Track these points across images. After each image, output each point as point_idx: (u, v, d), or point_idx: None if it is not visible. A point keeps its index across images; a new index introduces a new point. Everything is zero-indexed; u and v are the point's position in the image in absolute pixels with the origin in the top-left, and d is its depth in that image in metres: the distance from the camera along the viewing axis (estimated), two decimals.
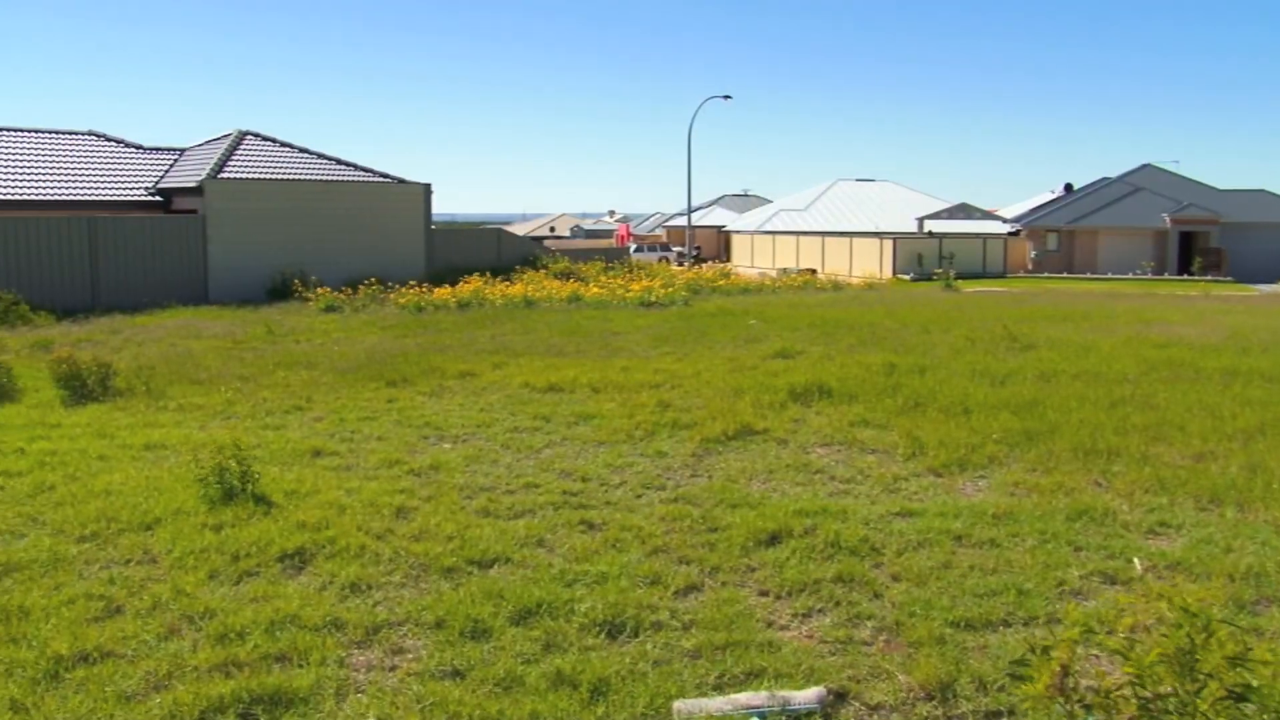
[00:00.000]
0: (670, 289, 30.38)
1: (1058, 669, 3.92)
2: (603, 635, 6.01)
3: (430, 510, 8.42)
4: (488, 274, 33.22)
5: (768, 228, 65.28)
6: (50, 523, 8.21)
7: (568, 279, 34.18)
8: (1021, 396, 12.97)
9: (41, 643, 5.90)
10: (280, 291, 29.72)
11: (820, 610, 6.45)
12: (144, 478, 9.43)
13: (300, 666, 5.63)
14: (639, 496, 8.97)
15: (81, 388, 13.73)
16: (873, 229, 60.93)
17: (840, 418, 12.00)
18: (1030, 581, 6.81)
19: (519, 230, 69.62)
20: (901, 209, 66.47)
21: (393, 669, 5.67)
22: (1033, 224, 57.41)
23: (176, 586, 6.77)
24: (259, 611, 6.31)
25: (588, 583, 6.80)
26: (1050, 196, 60.95)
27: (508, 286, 30.17)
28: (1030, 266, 56.20)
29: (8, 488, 9.26)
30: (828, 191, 70.70)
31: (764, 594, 6.72)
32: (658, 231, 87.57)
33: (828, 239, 57.54)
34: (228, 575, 7.04)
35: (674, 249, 67.71)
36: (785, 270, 48.02)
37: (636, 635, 6.03)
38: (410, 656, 5.81)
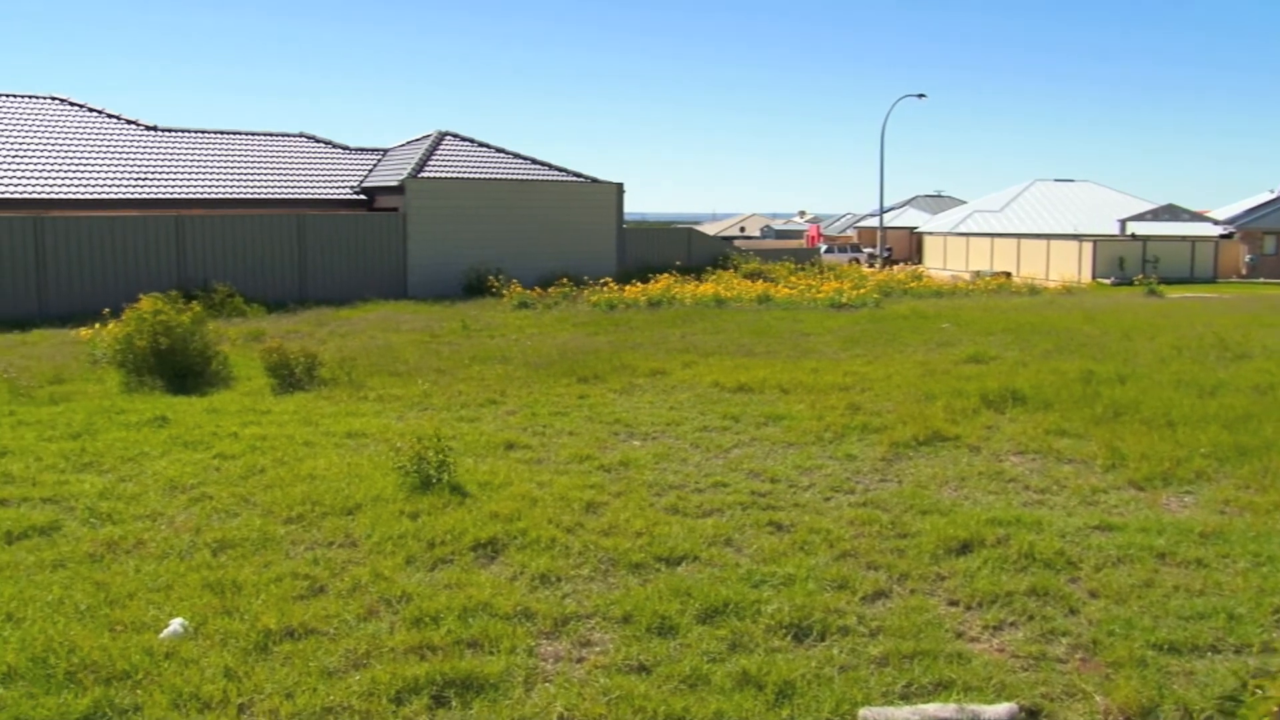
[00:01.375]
0: (861, 290, 30.00)
1: (1276, 710, 3.67)
2: (789, 637, 5.97)
3: (620, 506, 8.51)
4: (678, 273, 33.40)
5: (961, 229, 63.78)
6: (260, 504, 8.63)
7: (757, 279, 34.09)
8: (1234, 409, 12.32)
9: (252, 616, 6.21)
10: (475, 288, 30.50)
11: (1012, 623, 6.26)
12: (346, 464, 9.81)
13: (491, 653, 5.76)
14: (828, 499, 8.88)
15: (289, 377, 14.38)
16: (1071, 231, 58.86)
17: (1035, 426, 11.63)
18: (1242, 606, 6.45)
19: (709, 230, 69.84)
20: (1102, 210, 63.96)
21: (580, 661, 5.75)
22: (1248, 226, 54.51)
23: (375, 570, 7.02)
24: (452, 598, 6.48)
25: (775, 584, 6.77)
26: (1269, 197, 57.66)
27: (698, 286, 30.27)
28: (1244, 271, 53.39)
29: (223, 469, 9.78)
30: (1025, 192, 68.61)
31: (954, 604, 6.56)
32: (848, 232, 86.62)
33: (1024, 241, 55.86)
34: (423, 561, 7.26)
35: (865, 250, 66.79)
36: (979, 273, 46.82)
37: (823, 639, 5.97)
38: (597, 649, 5.88)
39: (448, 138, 35.65)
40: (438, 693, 5.33)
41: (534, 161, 36.22)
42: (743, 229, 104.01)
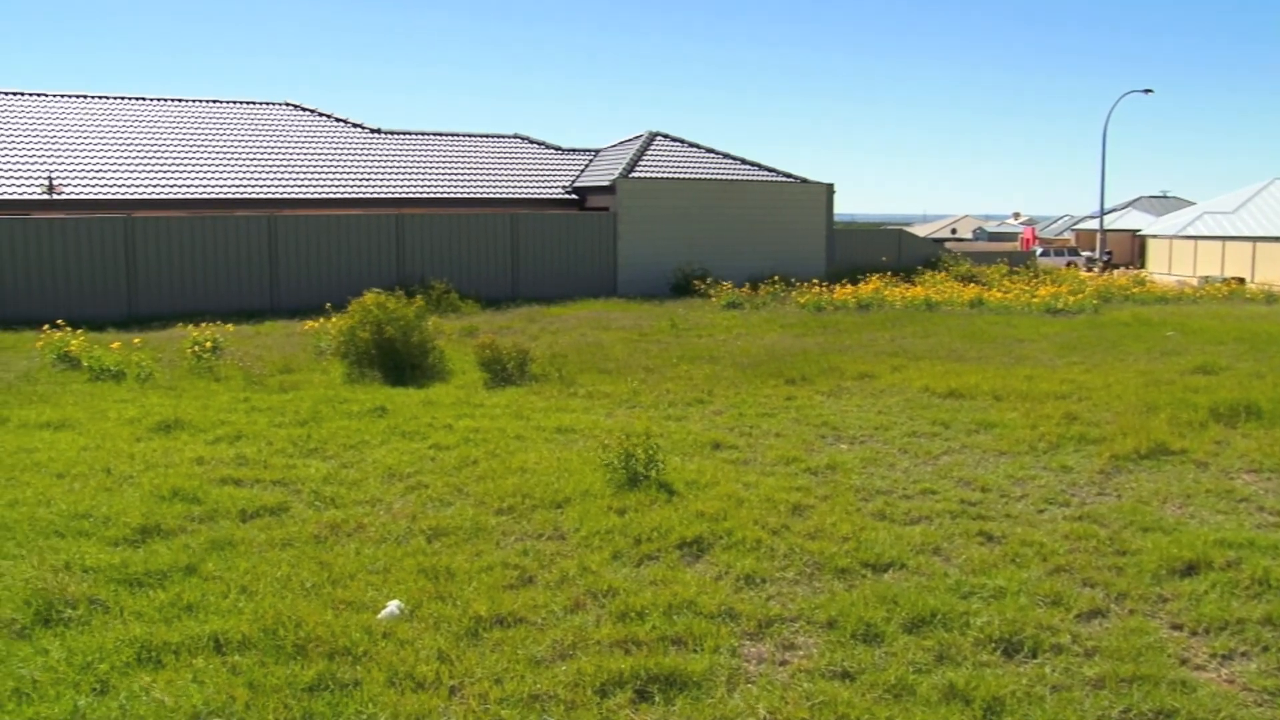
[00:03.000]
0: (1079, 295, 28.89)
1: None
2: (998, 652, 5.81)
3: (826, 510, 8.43)
4: (888, 275, 32.87)
5: (1189, 232, 60.62)
6: (473, 494, 8.89)
7: (969, 282, 33.25)
8: None
9: (464, 602, 6.40)
10: (684, 287, 30.69)
11: (1244, 653, 5.92)
12: (555, 459, 10.02)
13: (695, 651, 5.79)
14: (1041, 511, 8.59)
15: (502, 371, 14.78)
16: None
17: (1271, 442, 10.95)
18: None
19: (919, 231, 68.43)
20: None
21: (783, 664, 5.72)
22: None
23: (583, 564, 7.15)
24: (658, 594, 6.54)
25: (984, 596, 6.59)
26: None
27: (908, 288, 29.73)
28: None
29: (438, 460, 10.12)
30: (1262, 192, 64.59)
31: (1177, 628, 6.25)
32: (1065, 235, 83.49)
33: (1259, 244, 52.70)
34: (630, 557, 7.35)
35: (1083, 253, 64.29)
36: (1207, 278, 44.46)
37: (1035, 656, 5.78)
38: (801, 653, 5.84)
39: (658, 138, 35.99)
40: (641, 687, 5.38)
41: (743, 161, 36.23)
42: (954, 231, 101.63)
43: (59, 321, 18.19)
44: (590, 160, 35.77)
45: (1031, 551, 7.45)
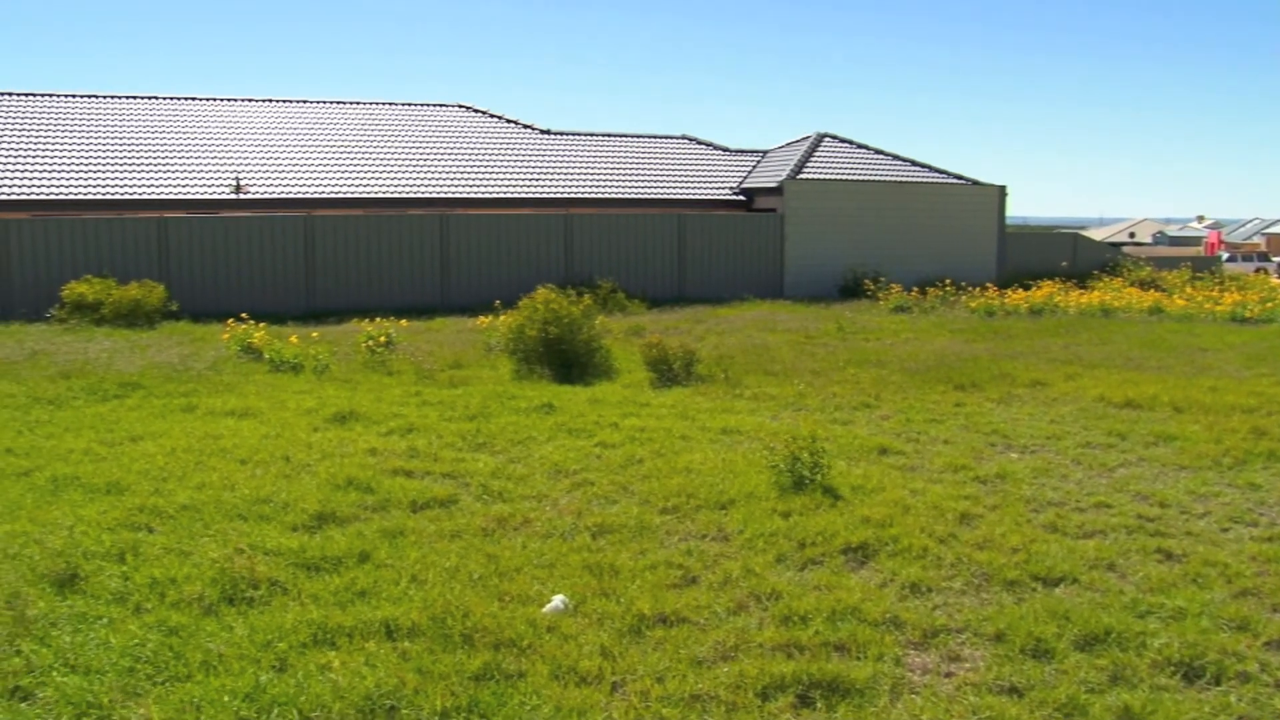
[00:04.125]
0: (1270, 304, 27.53)
1: None
2: (1177, 676, 5.57)
3: (995, 519, 8.24)
4: (1061, 280, 31.89)
5: None
6: (638, 493, 8.96)
7: (1148, 288, 32.00)
8: None
9: (628, 600, 6.46)
10: (851, 290, 30.34)
11: None
12: (720, 460, 10.02)
13: (858, 659, 5.72)
14: (1225, 530, 8.22)
15: (668, 371, 14.85)
16: None
17: None
18: None
19: (1095, 235, 66.28)
20: None
21: (948, 675, 5.61)
22: None
23: (746, 565, 7.13)
24: (821, 599, 6.49)
25: (1163, 617, 6.34)
26: None
27: (1082, 294, 28.78)
28: None
29: (604, 457, 10.23)
30: None
31: None
32: (1255, 239, 79.76)
33: None
34: (794, 560, 7.31)
35: (1275, 259, 61.28)
36: None
37: (1218, 683, 5.53)
38: (967, 665, 5.72)
39: (826, 139, 35.66)
40: (803, 692, 5.35)
41: (913, 163, 35.64)
42: (1132, 235, 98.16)
43: (243, 315, 19.00)
44: (758, 161, 35.64)
45: (1215, 572, 7.14)
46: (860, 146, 36.11)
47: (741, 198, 33.32)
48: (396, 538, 7.66)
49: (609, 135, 35.75)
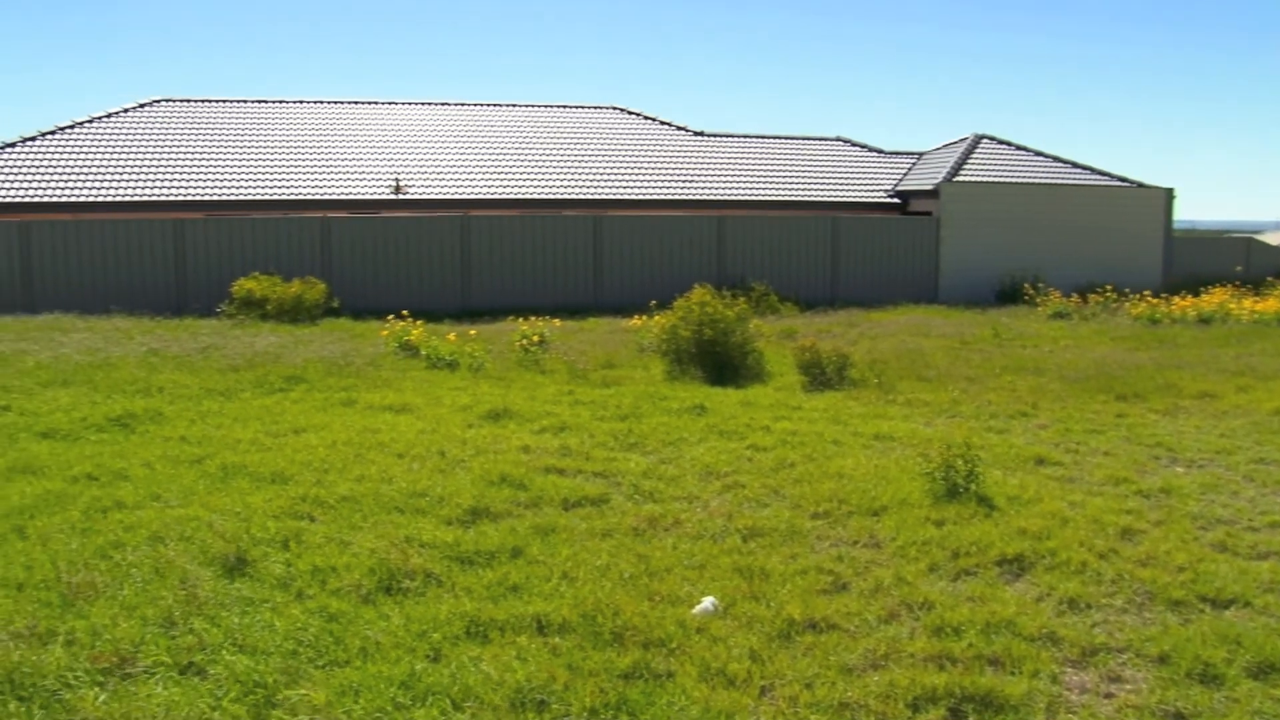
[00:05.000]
0: None
1: None
2: None
3: (1159, 536, 7.95)
4: (1233, 287, 30.58)
5: None
6: (789, 497, 8.92)
7: None
8: None
9: (778, 604, 6.44)
10: (1008, 295, 29.63)
11: None
12: (872, 466, 9.89)
13: (1012, 674, 5.60)
14: None
15: (820, 375, 14.73)
16: None
17: None
18: None
19: (1271, 240, 63.36)
20: None
21: (1108, 696, 5.45)
22: None
23: (898, 574, 7.04)
24: (975, 611, 6.36)
25: None
26: None
27: (1256, 301, 27.52)
28: None
29: (755, 460, 10.21)
30: None
31: None
32: None
33: None
34: (946, 570, 7.18)
35: None
36: None
37: None
38: (1128, 687, 5.54)
39: (984, 141, 34.90)
40: (955, 706, 5.26)
41: (1073, 165, 34.61)
42: None
43: (401, 312, 19.48)
44: (913, 164, 35.09)
45: None
46: (1019, 148, 35.23)
47: (896, 200, 32.84)
48: (548, 534, 7.77)
49: (762, 137, 35.62)
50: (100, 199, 25.94)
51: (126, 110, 30.85)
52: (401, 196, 27.79)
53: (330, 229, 25.47)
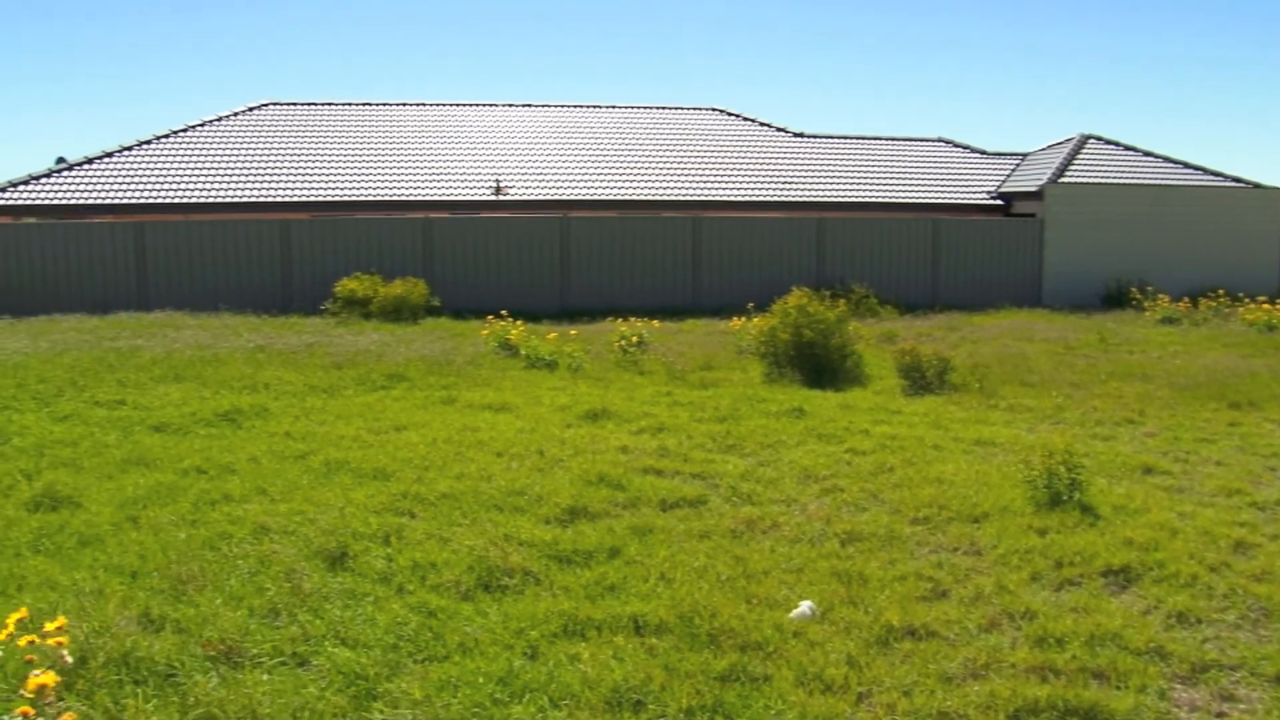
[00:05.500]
0: None
1: None
2: None
3: (1276, 550, 7.67)
4: None
5: None
6: (888, 501, 8.82)
7: None
8: None
9: (876, 610, 6.37)
10: (1114, 299, 28.99)
11: None
12: (973, 471, 9.74)
13: (1118, 688, 5.47)
14: None
15: (920, 379, 14.56)
16: None
17: None
18: None
19: None
20: None
21: (1220, 715, 5.29)
22: None
23: (999, 582, 6.92)
24: (1079, 622, 6.23)
25: None
26: None
27: None
28: None
29: (854, 464, 10.12)
30: None
31: None
32: None
33: None
34: (1049, 580, 7.04)
35: None
36: None
37: None
38: (1242, 707, 5.37)
39: (1091, 141, 34.15)
40: (1058, 718, 5.15)
41: (1184, 165, 33.71)
42: None
43: (501, 312, 19.67)
44: (1017, 165, 34.48)
45: None
46: (1127, 148, 34.43)
47: (999, 202, 32.31)
48: (646, 535, 7.79)
49: (862, 138, 35.31)
50: (210, 200, 26.63)
51: (236, 114, 31.65)
52: (502, 198, 28.07)
53: (431, 229, 25.85)
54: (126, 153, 28.40)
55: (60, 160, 28.40)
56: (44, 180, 26.81)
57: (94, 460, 9.99)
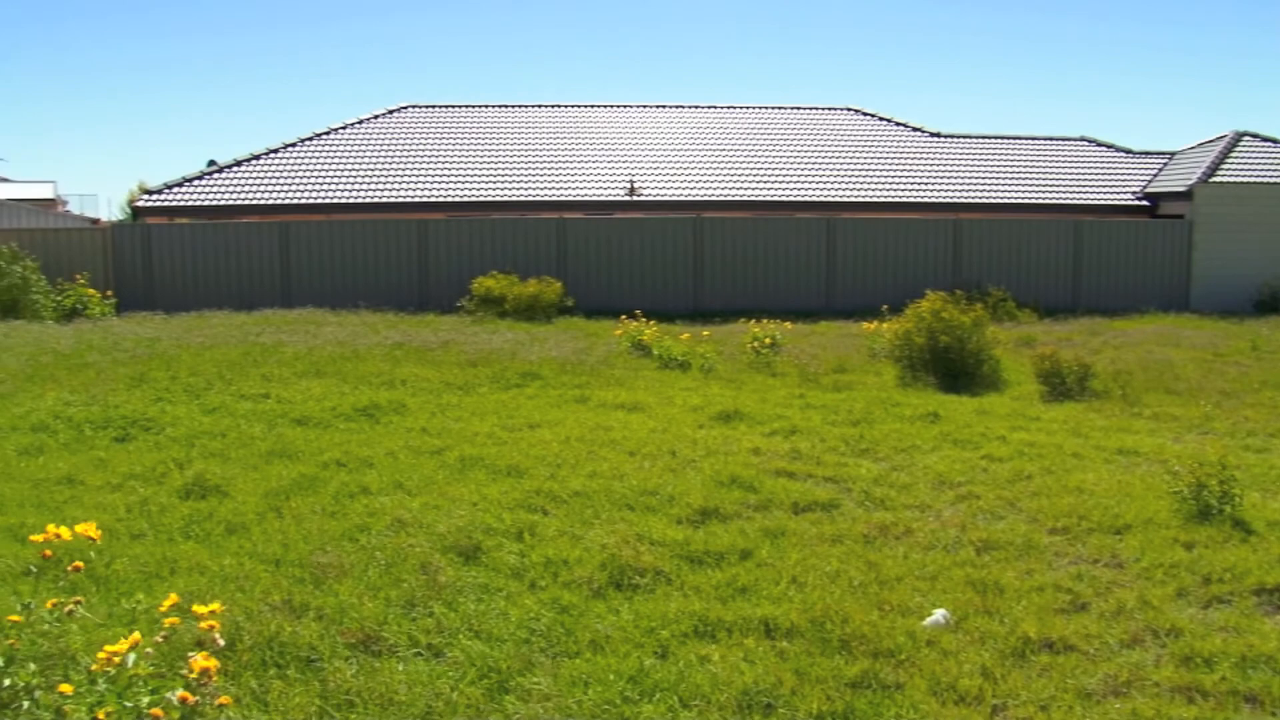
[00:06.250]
0: None
1: None
2: None
3: None
4: None
5: None
6: (1025, 510, 8.61)
7: None
8: None
9: (1012, 621, 6.22)
10: (1269, 305, 27.81)
11: None
12: (1115, 481, 9.45)
13: (1273, 714, 5.24)
14: None
15: (1060, 385, 14.19)
16: None
17: None
18: None
19: None
20: None
21: None
22: None
23: (1142, 596, 6.70)
24: (1229, 642, 5.99)
25: None
26: None
27: None
28: None
29: (990, 471, 9.90)
30: None
31: None
32: None
33: None
34: (1196, 596, 6.79)
35: None
36: None
37: None
38: None
39: (1245, 138, 32.81)
40: None
41: None
42: None
43: (633, 312, 19.76)
44: (1164, 164, 33.36)
45: None
46: None
47: (1144, 203, 31.32)
48: (778, 538, 7.74)
49: (1001, 137, 34.54)
50: (351, 200, 27.32)
51: (376, 117, 32.40)
52: (636, 198, 28.21)
53: (565, 229, 26.09)
54: (272, 155, 29.32)
55: (211, 163, 29.49)
56: (196, 182, 27.84)
57: (240, 451, 10.34)
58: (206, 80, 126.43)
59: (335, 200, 27.32)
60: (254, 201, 27.09)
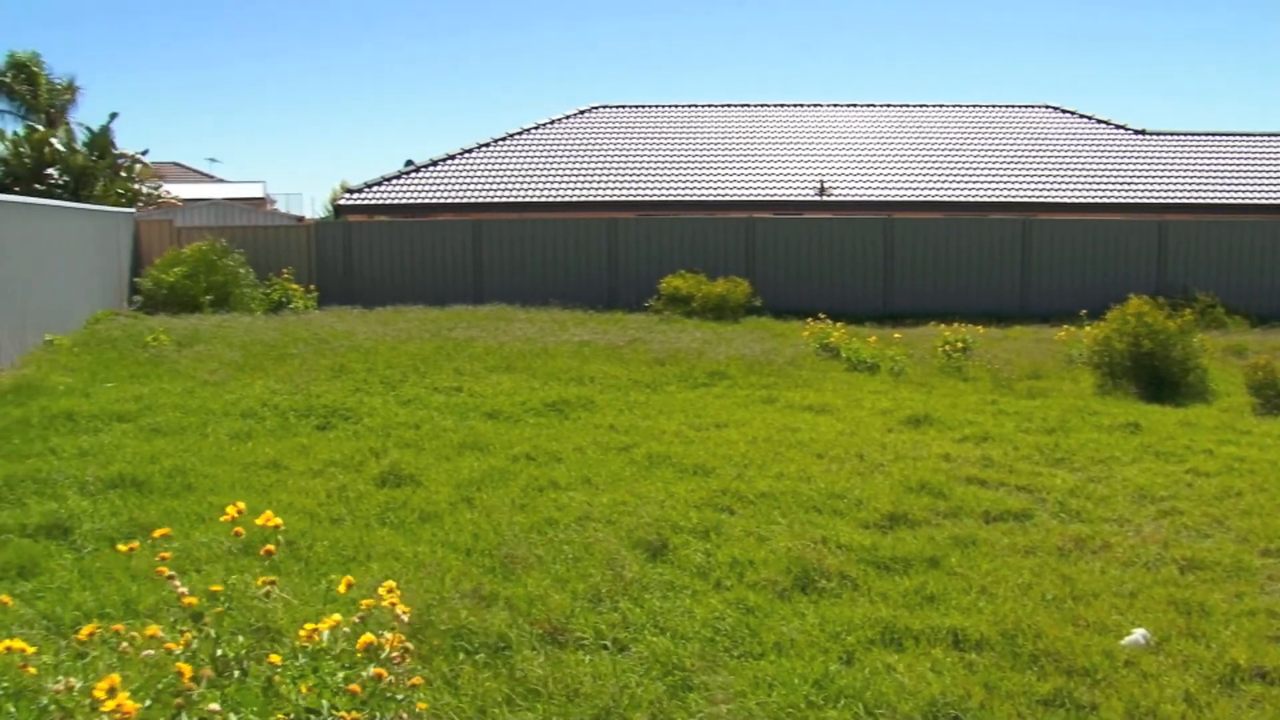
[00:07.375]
0: None
1: None
2: None
3: None
4: None
5: None
6: (1234, 529, 8.18)
7: None
8: None
9: (1219, 646, 5.91)
10: None
11: None
12: None
13: None
14: None
15: (1274, 398, 13.45)
16: None
17: None
18: None
19: None
20: None
21: None
22: None
23: None
24: None
25: None
26: None
27: None
28: None
29: (1195, 486, 9.45)
30: None
31: None
32: None
33: None
34: None
35: None
36: None
37: None
38: None
39: None
40: None
41: None
42: None
43: (820, 313, 19.57)
44: None
45: None
46: None
47: None
48: (968, 547, 7.56)
49: (1209, 134, 32.94)
50: (542, 199, 27.89)
51: (566, 117, 32.99)
52: (825, 198, 27.96)
53: (754, 229, 26.01)
54: (467, 155, 30.16)
55: (409, 163, 30.54)
56: (394, 181, 28.85)
57: (433, 442, 10.65)
58: (405, 85, 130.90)
59: (526, 199, 27.93)
60: (448, 200, 27.92)
